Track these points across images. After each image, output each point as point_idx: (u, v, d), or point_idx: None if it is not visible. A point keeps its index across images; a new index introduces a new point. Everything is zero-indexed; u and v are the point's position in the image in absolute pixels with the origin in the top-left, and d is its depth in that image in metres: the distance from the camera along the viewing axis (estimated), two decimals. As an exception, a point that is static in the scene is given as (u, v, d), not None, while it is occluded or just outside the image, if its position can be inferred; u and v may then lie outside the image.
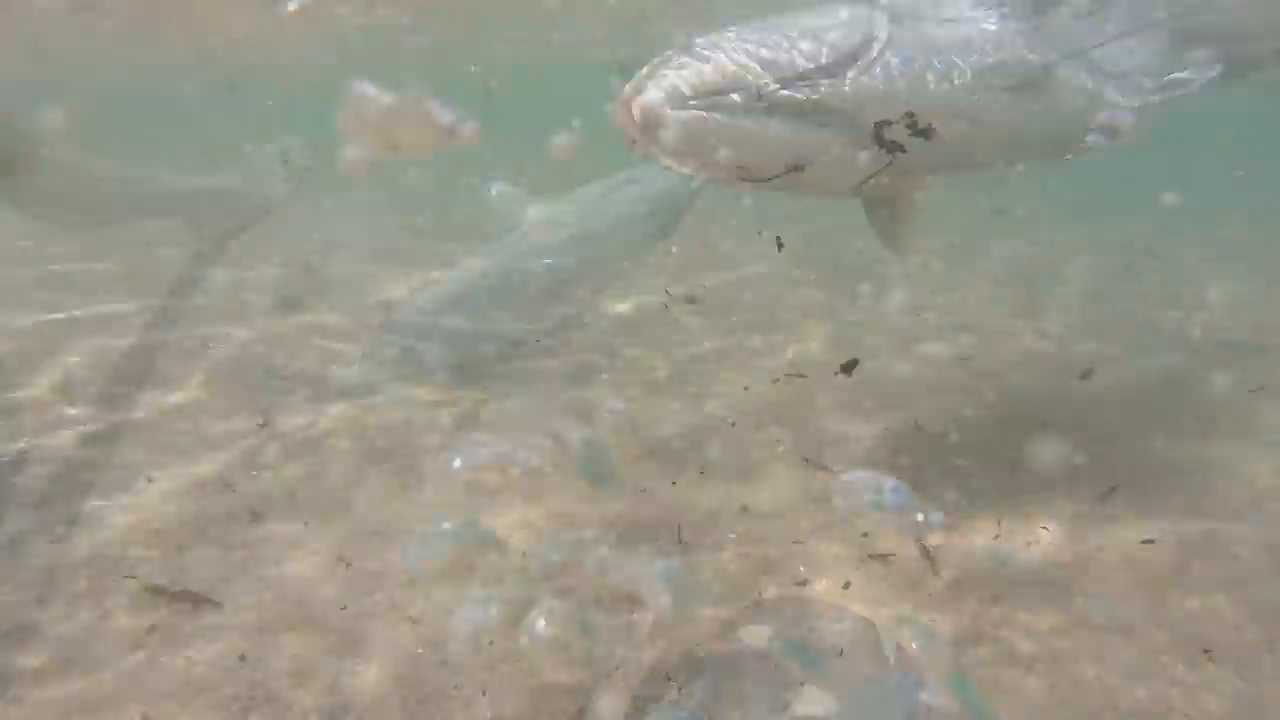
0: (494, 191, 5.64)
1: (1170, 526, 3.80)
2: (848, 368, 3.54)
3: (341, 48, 14.10)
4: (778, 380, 5.50)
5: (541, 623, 2.70)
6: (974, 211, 10.35)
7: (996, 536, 3.69)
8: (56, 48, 13.62)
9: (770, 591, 3.32)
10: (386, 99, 2.32)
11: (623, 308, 7.23)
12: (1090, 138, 3.81)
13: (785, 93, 2.72)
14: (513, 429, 4.81)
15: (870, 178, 2.98)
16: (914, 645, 2.92)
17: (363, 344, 6.11)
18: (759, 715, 2.55)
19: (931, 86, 3.04)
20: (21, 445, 4.55)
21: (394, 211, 11.73)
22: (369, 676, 2.92)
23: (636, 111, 2.63)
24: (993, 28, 3.37)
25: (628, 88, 2.70)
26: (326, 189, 10.19)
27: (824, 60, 2.80)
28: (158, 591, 3.34)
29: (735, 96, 2.67)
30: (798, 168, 2.83)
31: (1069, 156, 4.07)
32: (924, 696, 2.56)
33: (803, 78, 2.76)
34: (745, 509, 3.99)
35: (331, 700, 2.82)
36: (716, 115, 2.66)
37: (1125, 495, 4.02)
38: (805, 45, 2.82)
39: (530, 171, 6.02)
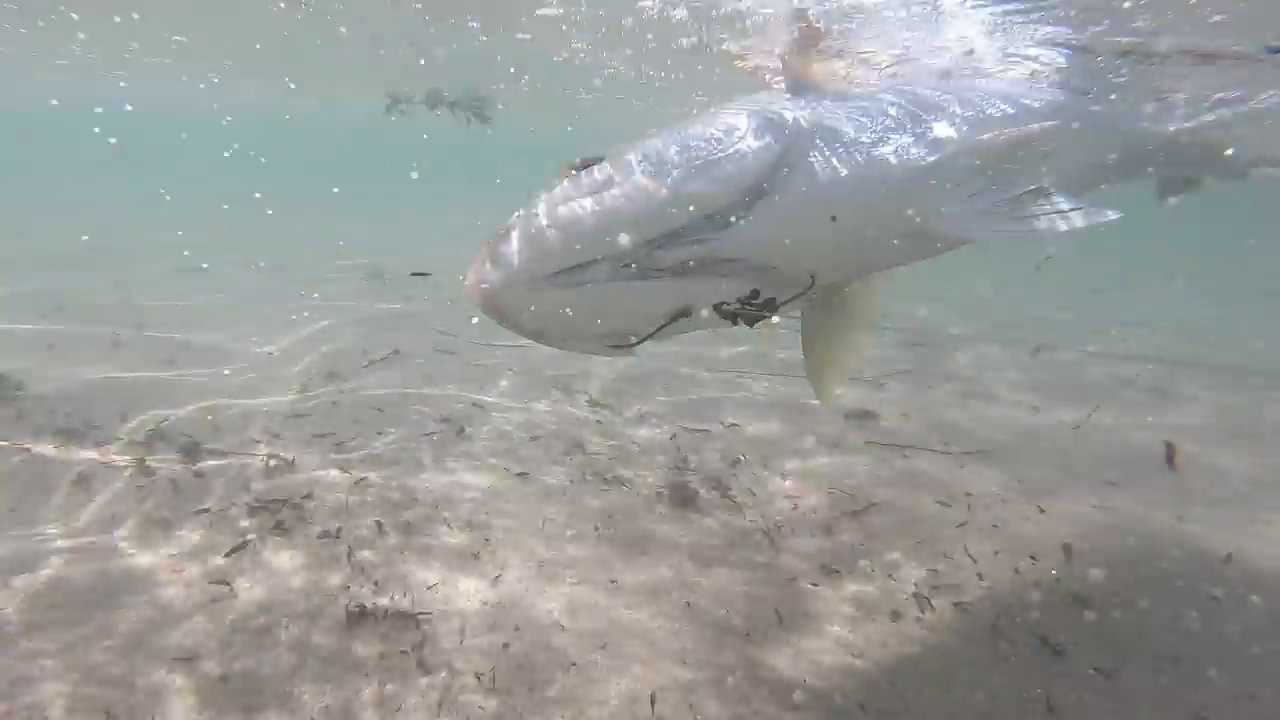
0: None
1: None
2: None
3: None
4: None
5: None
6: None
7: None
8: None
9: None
10: None
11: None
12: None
13: (661, 252, 2.21)
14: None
15: (786, 302, 2.43)
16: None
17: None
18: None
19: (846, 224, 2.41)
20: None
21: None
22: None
23: (482, 301, 2.22)
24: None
25: (470, 273, 2.25)
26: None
27: (713, 207, 2.23)
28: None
29: (602, 265, 2.19)
30: (684, 314, 2.31)
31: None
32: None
33: (684, 234, 2.22)
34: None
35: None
36: (580, 290, 2.19)
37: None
38: (690, 185, 2.21)
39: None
